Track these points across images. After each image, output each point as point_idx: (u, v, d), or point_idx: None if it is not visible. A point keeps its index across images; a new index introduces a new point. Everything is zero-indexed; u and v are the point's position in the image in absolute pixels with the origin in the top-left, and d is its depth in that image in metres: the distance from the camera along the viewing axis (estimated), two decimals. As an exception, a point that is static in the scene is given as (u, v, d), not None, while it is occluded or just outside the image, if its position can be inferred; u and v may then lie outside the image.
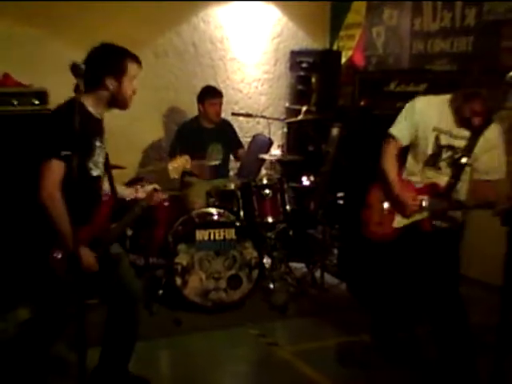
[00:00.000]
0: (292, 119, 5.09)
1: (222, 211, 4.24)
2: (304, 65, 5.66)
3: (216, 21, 5.69)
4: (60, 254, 2.55)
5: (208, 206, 4.32)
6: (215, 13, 5.67)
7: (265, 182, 4.38)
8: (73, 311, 2.23)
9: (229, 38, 5.78)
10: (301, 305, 4.24)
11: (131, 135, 5.13)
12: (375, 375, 3.31)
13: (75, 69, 2.08)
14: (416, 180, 3.17)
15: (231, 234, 4.06)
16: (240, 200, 4.37)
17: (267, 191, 4.33)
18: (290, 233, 4.69)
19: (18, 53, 4.70)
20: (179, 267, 3.97)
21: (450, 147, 3.03)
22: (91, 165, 2.65)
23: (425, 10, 5.05)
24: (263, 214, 4.33)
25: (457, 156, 3.01)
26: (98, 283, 2.64)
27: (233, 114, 5.24)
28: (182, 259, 3.98)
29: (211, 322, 3.91)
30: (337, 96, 5.67)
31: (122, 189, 3.01)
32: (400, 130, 3.17)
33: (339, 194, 4.91)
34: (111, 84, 2.62)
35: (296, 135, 5.57)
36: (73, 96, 2.24)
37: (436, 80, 4.30)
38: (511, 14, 4.28)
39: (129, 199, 2.99)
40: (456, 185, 3.04)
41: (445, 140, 3.04)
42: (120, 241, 4.11)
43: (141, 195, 2.99)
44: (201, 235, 4.01)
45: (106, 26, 4.98)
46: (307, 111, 4.87)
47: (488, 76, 2.96)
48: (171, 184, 4.45)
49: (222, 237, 4.05)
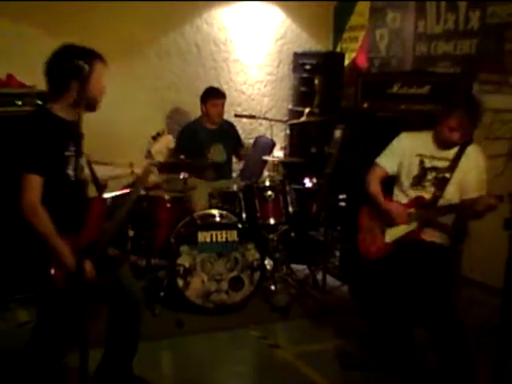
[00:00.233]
0: (295, 121, 5.08)
1: (225, 213, 4.24)
2: (307, 67, 5.65)
3: (219, 22, 5.69)
4: (58, 269, 2.50)
5: (210, 208, 4.33)
6: (218, 14, 5.68)
7: (267, 184, 4.36)
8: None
9: (232, 40, 5.78)
10: (302, 307, 4.23)
11: (133, 135, 5.12)
12: (376, 377, 3.31)
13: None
14: (403, 200, 3.37)
15: (233, 236, 4.06)
16: (242, 202, 4.36)
17: (269, 193, 4.32)
18: (292, 235, 4.67)
19: (22, 54, 4.69)
20: (181, 269, 3.96)
21: (434, 168, 3.28)
22: (69, 171, 2.58)
23: (428, 13, 5.04)
24: (265, 216, 4.32)
25: (441, 175, 3.24)
26: (98, 285, 2.63)
27: (236, 116, 5.24)
28: (184, 261, 3.98)
29: (213, 324, 3.91)
30: (340, 98, 5.66)
31: (119, 170, 2.96)
32: (386, 160, 3.46)
33: (341, 196, 4.92)
34: (77, 86, 2.45)
35: (299, 137, 5.57)
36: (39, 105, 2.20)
37: (439, 82, 4.30)
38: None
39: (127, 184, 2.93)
40: (440, 197, 3.23)
41: (429, 163, 3.31)
42: (121, 242, 4.13)
43: (136, 170, 2.95)
44: (203, 237, 4.01)
45: (110, 27, 5.01)
46: (310, 113, 4.86)
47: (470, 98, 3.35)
48: (174, 185, 4.47)
49: (224, 238, 4.04)
